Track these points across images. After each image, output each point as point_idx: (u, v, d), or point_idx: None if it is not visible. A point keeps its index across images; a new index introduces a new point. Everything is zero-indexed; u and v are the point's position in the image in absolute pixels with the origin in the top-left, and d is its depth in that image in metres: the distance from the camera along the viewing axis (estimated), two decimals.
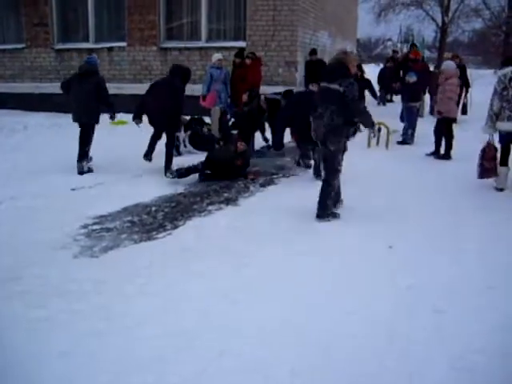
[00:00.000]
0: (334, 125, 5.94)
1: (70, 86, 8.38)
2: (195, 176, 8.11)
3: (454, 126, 9.72)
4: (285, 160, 9.47)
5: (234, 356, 3.44)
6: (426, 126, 11.00)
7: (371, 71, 21.87)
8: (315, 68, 13.68)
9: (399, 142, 10.98)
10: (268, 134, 10.27)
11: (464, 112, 14.13)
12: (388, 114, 12.95)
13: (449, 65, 9.92)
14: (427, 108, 14.69)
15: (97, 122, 8.37)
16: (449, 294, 4.30)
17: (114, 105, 8.55)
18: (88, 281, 4.50)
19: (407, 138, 11.06)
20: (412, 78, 11.02)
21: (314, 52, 13.96)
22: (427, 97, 14.07)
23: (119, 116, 13.46)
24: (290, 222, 6.05)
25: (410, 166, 9.07)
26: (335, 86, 5.85)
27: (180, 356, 3.44)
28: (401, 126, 11.49)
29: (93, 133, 8.34)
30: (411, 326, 3.82)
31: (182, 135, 10.09)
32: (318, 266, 4.85)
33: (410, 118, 11.10)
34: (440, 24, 31.06)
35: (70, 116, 8.29)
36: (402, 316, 3.96)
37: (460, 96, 11.40)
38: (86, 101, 8.09)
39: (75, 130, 8.37)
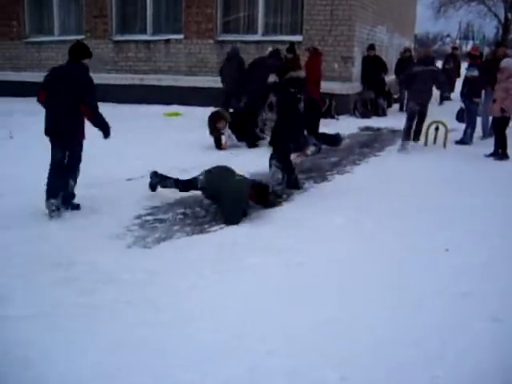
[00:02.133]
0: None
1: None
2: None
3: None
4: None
5: (282, 357, 3.39)
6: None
7: None
8: (372, 64, 13.50)
9: (457, 142, 10.65)
10: None
11: None
12: (445, 112, 12.62)
13: (509, 62, 9.53)
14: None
15: None
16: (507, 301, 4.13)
17: None
18: (140, 271, 4.55)
19: (465, 138, 10.71)
20: (473, 73, 10.64)
21: (372, 47, 13.76)
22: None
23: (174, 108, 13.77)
24: (344, 218, 5.95)
25: (466, 165, 8.78)
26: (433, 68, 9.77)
27: (227, 354, 3.41)
28: (457, 125, 11.11)
29: None
30: (464, 334, 3.68)
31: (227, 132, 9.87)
32: (369, 266, 4.75)
33: (470, 116, 10.72)
34: (503, 20, 30.13)
35: (127, 106, 8.36)
36: (455, 324, 3.82)
37: None
38: None
39: (132, 119, 8.43)
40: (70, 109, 5.77)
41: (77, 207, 6.06)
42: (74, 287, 4.20)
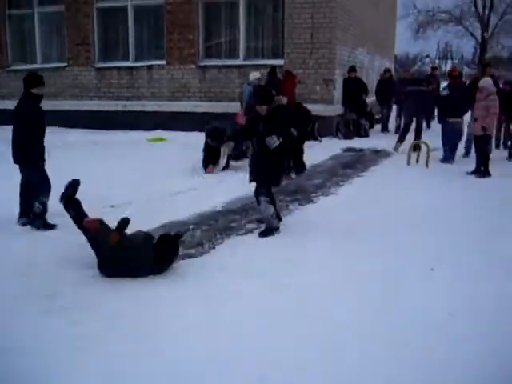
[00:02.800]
0: None
1: None
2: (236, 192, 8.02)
3: None
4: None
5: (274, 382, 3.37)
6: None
7: None
8: (354, 85, 13.65)
9: (442, 161, 10.75)
10: None
11: None
12: (432, 131, 12.82)
13: (488, 82, 9.74)
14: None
15: None
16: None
17: None
18: (124, 300, 4.51)
19: (445, 157, 10.82)
20: (444, 92, 10.89)
21: (353, 69, 13.92)
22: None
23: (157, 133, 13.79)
24: (327, 241, 5.96)
25: (447, 184, 8.87)
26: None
27: (218, 382, 3.38)
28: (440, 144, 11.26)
29: None
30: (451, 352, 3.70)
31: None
32: (356, 289, 4.76)
33: (444, 135, 10.87)
34: (479, 40, 30.73)
35: (111, 133, 8.36)
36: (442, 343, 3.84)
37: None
38: None
39: (116, 146, 8.42)
40: (21, 135, 6.22)
41: (50, 227, 6.27)
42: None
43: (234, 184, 8.35)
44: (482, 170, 9.52)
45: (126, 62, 15.45)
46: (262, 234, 6.24)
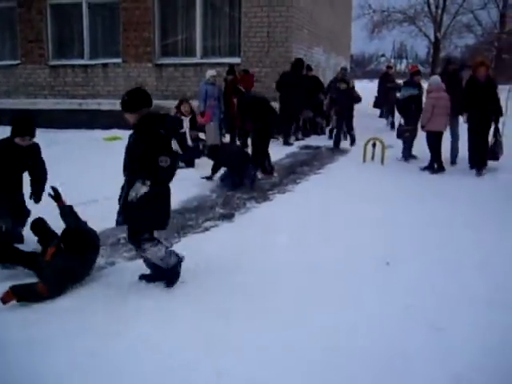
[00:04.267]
0: None
1: None
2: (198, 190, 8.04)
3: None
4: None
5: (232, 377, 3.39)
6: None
7: (364, 87, 21.95)
8: (310, 83, 13.76)
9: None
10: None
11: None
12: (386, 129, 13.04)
13: (436, 79, 9.99)
14: None
15: None
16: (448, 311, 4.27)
17: None
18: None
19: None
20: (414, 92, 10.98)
21: (309, 68, 14.01)
22: None
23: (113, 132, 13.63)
24: (287, 236, 6.02)
25: (402, 180, 9.08)
26: None
27: (176, 377, 3.39)
28: (394, 141, 11.43)
29: None
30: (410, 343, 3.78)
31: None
32: (312, 281, 4.82)
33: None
34: (433, 40, 31.38)
35: (63, 132, 8.15)
36: (400, 333, 3.92)
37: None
38: None
39: (72, 145, 8.24)
40: None
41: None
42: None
43: (191, 183, 8.36)
44: (434, 165, 9.73)
45: (81, 60, 15.23)
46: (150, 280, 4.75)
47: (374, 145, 10.67)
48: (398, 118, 11.66)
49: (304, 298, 4.51)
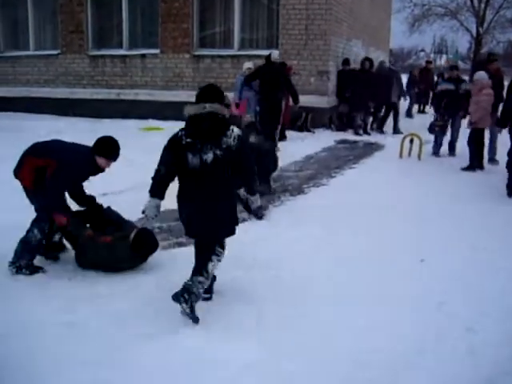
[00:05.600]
0: None
1: None
2: None
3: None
4: None
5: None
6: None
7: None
8: (347, 78, 13.63)
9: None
10: None
11: None
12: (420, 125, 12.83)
13: (482, 75, 9.68)
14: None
15: None
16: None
17: None
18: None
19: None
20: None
21: (346, 62, 13.88)
22: None
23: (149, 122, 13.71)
24: (321, 230, 5.97)
25: (440, 177, 8.90)
26: None
27: (205, 370, 3.39)
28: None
29: None
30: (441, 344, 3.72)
31: None
32: (346, 277, 4.77)
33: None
34: (475, 35, 30.72)
35: (100, 121, 8.14)
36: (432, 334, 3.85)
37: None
38: None
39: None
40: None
41: None
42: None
43: None
44: (473, 164, 9.48)
45: (120, 50, 15.35)
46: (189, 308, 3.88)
47: (411, 141, 10.51)
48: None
49: (334, 291, 4.47)
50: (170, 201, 4.26)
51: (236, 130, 3.99)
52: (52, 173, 4.64)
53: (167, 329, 3.80)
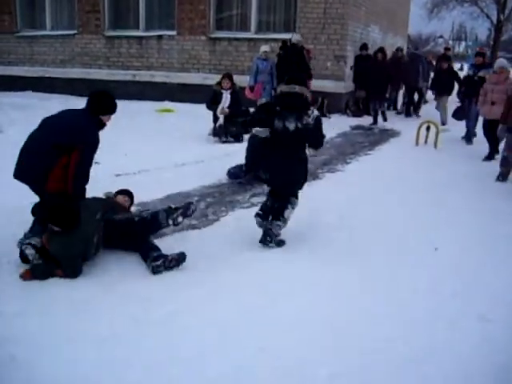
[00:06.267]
0: None
1: None
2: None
3: None
4: None
5: (273, 354, 3.39)
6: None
7: None
8: (365, 63, 13.50)
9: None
10: None
11: None
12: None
13: (504, 62, 9.40)
14: None
15: None
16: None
17: None
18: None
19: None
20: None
21: (364, 47, 13.73)
22: None
23: (164, 104, 13.70)
24: (335, 215, 5.95)
25: (454, 165, 8.78)
26: None
27: (218, 350, 3.40)
28: (449, 125, 11.14)
29: None
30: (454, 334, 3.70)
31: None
32: (359, 266, 4.76)
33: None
34: (495, 22, 30.26)
35: (119, 102, 7.98)
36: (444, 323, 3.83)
37: None
38: None
39: (125, 115, 8.12)
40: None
41: None
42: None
43: (239, 158, 8.32)
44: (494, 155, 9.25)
45: (136, 31, 15.30)
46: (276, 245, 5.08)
47: (428, 128, 10.40)
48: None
49: (346, 278, 4.47)
50: None
51: (316, 112, 5.11)
52: (79, 161, 4.61)
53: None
